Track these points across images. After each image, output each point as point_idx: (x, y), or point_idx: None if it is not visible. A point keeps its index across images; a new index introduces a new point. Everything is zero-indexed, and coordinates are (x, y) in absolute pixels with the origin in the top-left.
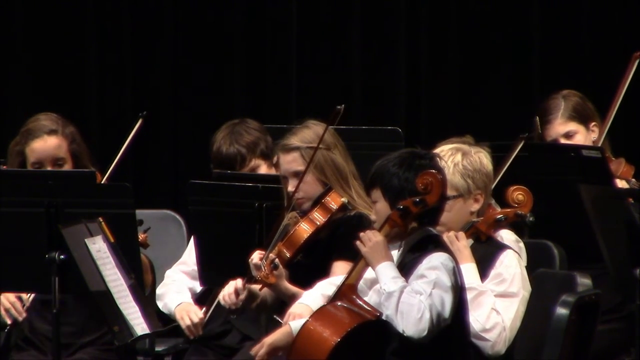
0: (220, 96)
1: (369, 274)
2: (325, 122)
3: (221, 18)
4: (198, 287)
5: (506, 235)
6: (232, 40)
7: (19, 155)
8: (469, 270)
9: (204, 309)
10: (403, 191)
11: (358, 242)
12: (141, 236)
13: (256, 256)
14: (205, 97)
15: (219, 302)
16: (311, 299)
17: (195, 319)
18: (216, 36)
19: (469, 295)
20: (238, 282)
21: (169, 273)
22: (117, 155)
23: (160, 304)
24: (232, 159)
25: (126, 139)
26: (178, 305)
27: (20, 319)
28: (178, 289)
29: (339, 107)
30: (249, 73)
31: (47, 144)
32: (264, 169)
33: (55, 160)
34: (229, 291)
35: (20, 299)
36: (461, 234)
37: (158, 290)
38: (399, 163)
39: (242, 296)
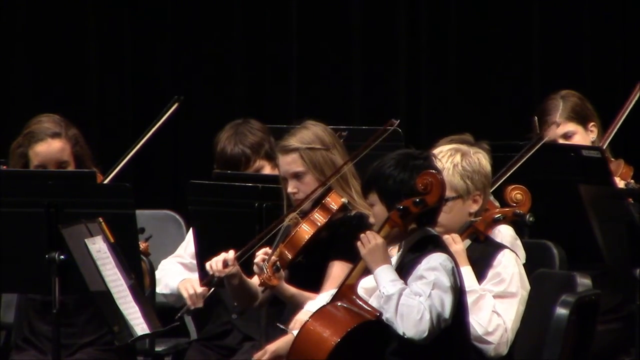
0: (220, 96)
1: (367, 282)
2: (323, 122)
3: (221, 18)
4: (193, 277)
5: (504, 230)
6: (232, 40)
7: (22, 157)
8: (466, 274)
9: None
10: (399, 193)
11: (358, 243)
12: (142, 245)
13: (259, 257)
14: (205, 97)
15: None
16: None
17: (199, 290)
18: (216, 36)
19: (469, 299)
20: (230, 254)
21: (164, 262)
22: (145, 135)
23: (158, 288)
24: (237, 159)
25: (158, 120)
26: (181, 280)
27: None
28: (177, 271)
29: (394, 120)
30: (249, 73)
31: (51, 147)
32: (268, 169)
33: (59, 163)
34: (217, 260)
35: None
36: (457, 237)
37: (156, 275)
38: (394, 165)
39: (229, 270)
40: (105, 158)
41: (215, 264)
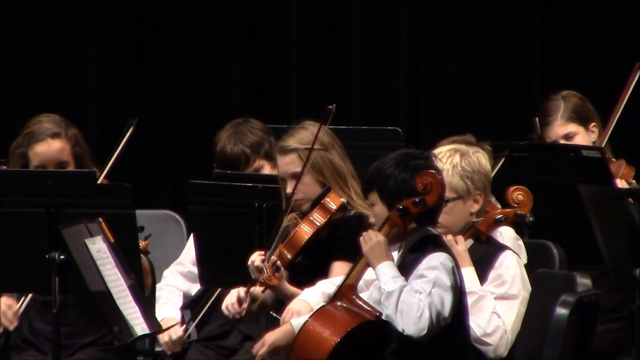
0: (220, 96)
1: (367, 274)
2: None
3: (221, 18)
4: (193, 289)
5: (506, 232)
6: (233, 40)
7: (21, 158)
8: (468, 275)
9: (184, 326)
10: (400, 193)
11: (360, 240)
12: (142, 243)
13: (257, 259)
14: (205, 97)
15: (207, 312)
16: (310, 296)
17: (174, 337)
18: (216, 36)
19: (470, 300)
20: (240, 291)
21: (165, 274)
22: (108, 162)
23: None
24: (236, 158)
25: (117, 146)
26: (161, 320)
27: (11, 328)
28: (167, 299)
29: (330, 106)
30: (249, 73)
31: (50, 147)
32: (267, 169)
33: (59, 163)
34: (232, 300)
35: (10, 306)
36: (460, 238)
37: (157, 291)
38: (394, 165)
39: (245, 305)
40: (105, 158)
41: (232, 306)
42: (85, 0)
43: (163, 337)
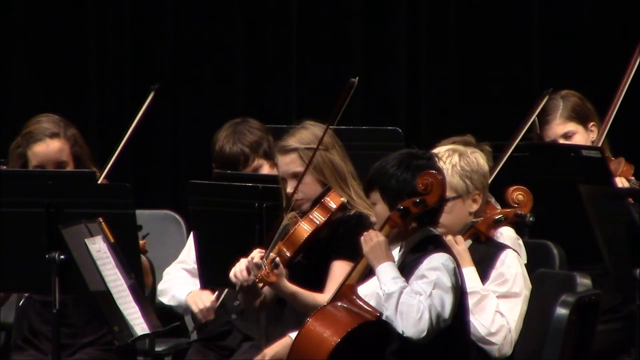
0: (220, 96)
1: (364, 289)
2: (323, 122)
3: (221, 17)
4: (198, 286)
5: (506, 232)
6: (232, 39)
7: (20, 158)
8: (470, 274)
9: (216, 293)
10: (401, 192)
11: (361, 240)
12: (140, 242)
13: (256, 255)
14: (205, 97)
15: (226, 294)
16: None
17: (208, 303)
18: (216, 35)
19: (472, 300)
20: (250, 259)
21: (168, 271)
22: (127, 132)
23: (165, 299)
24: (235, 158)
25: (138, 112)
26: (189, 293)
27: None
28: (183, 282)
29: (352, 79)
30: (249, 73)
31: (49, 147)
32: (266, 169)
33: (58, 163)
34: (241, 268)
35: None
36: (459, 238)
37: (160, 286)
38: (397, 164)
39: (254, 274)
40: (105, 158)
41: (240, 273)
42: (85, 0)
43: (197, 305)
